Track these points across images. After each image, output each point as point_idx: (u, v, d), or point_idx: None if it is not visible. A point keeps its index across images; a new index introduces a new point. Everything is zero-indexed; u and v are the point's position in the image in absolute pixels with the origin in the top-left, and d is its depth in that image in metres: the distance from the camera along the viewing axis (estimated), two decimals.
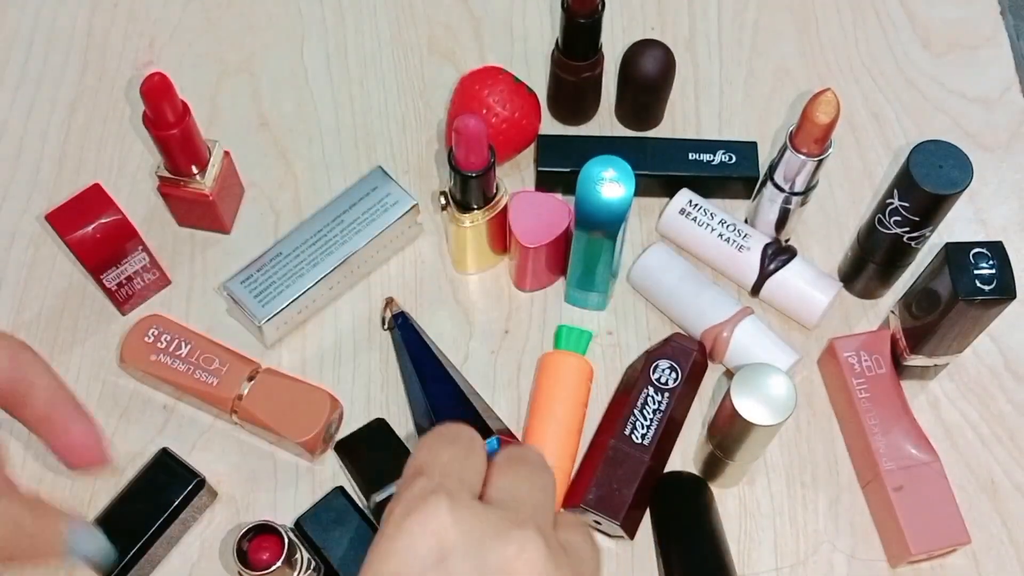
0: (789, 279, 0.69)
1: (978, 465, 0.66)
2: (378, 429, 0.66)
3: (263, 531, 0.58)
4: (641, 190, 0.65)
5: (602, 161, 0.61)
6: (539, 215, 0.68)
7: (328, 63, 0.81)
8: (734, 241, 0.70)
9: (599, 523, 0.62)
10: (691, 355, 0.65)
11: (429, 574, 0.35)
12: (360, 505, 0.63)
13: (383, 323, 0.70)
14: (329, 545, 0.61)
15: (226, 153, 0.71)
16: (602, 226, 0.62)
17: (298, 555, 0.58)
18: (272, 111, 0.79)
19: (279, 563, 0.56)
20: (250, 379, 0.65)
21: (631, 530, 0.62)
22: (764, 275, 0.69)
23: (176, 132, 0.65)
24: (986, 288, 0.57)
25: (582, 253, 0.65)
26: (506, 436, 0.63)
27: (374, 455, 0.64)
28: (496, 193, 0.67)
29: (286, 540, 0.57)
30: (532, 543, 0.36)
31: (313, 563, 0.60)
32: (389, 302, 0.70)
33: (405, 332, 0.68)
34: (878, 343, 0.66)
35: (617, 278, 0.70)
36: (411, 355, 0.67)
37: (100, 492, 0.65)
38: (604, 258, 0.65)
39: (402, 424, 0.67)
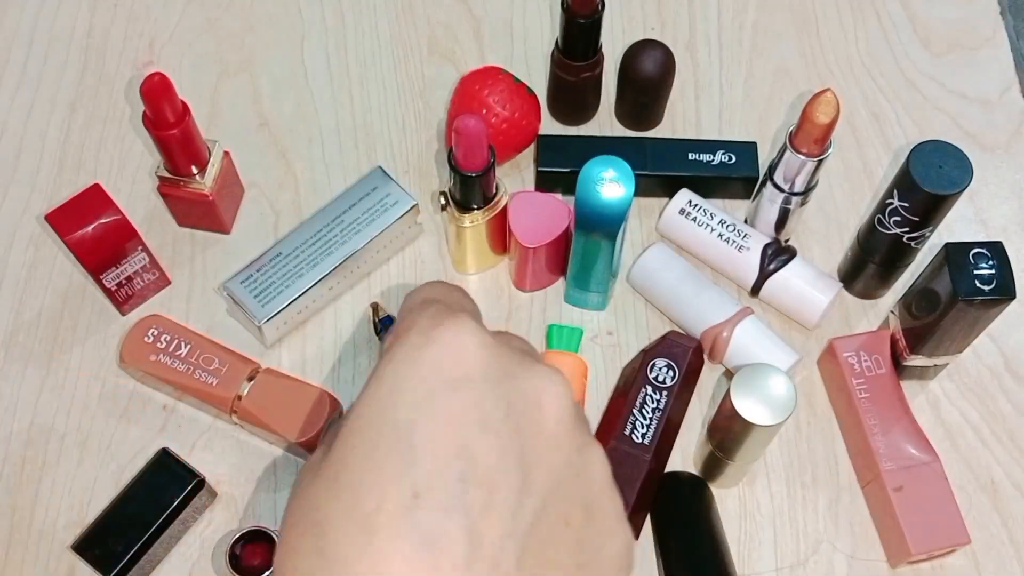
0: (789, 279, 0.69)
1: (978, 465, 0.66)
2: None
3: (256, 536, 0.58)
4: (641, 190, 0.65)
5: (602, 161, 0.61)
6: (539, 215, 0.68)
7: (328, 63, 0.81)
8: (734, 241, 0.70)
9: None
10: (687, 353, 0.65)
11: (453, 393, 0.30)
12: None
13: (375, 329, 0.69)
14: None
15: (226, 153, 0.71)
16: (602, 226, 0.62)
17: None
18: (272, 111, 0.79)
19: (271, 570, 0.56)
20: (250, 379, 0.65)
21: (635, 530, 0.62)
22: (764, 275, 0.69)
23: (176, 132, 0.65)
24: (986, 288, 0.57)
25: (582, 253, 0.65)
26: None
27: None
28: (496, 193, 0.67)
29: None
30: (559, 379, 0.32)
31: None
32: (375, 307, 0.69)
33: None
34: (878, 343, 0.66)
35: (617, 278, 0.70)
36: None
37: (100, 491, 0.65)
38: (604, 258, 0.65)
39: None
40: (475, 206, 0.66)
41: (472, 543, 0.28)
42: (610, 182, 0.60)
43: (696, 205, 0.71)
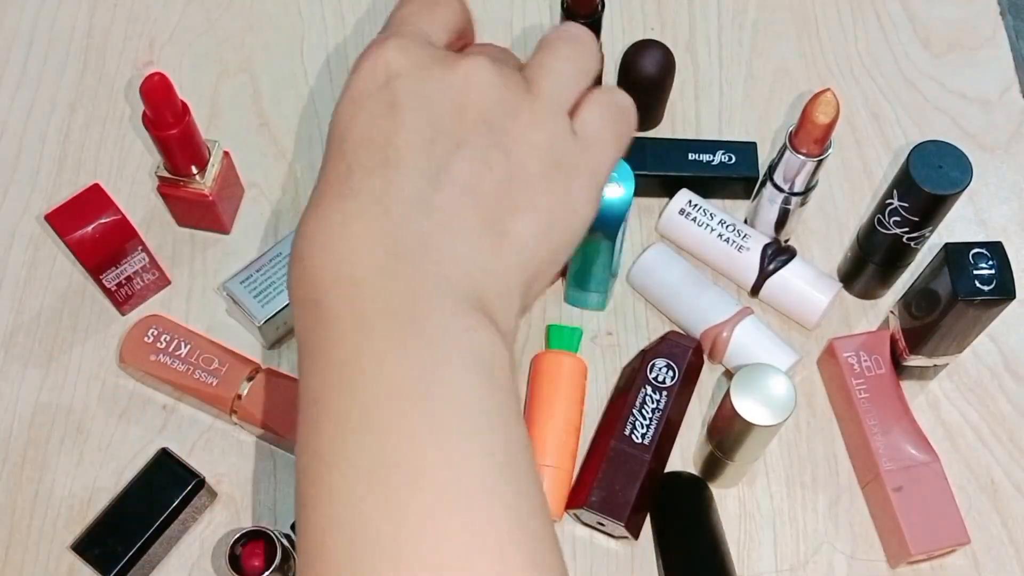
0: (789, 279, 0.69)
1: (978, 465, 0.66)
2: None
3: (256, 537, 0.58)
4: (641, 190, 0.65)
5: None
6: None
7: (328, 63, 0.81)
8: (734, 241, 0.70)
9: (603, 524, 0.62)
10: (687, 353, 0.65)
11: (374, 95, 0.35)
12: None
13: None
14: None
15: (226, 153, 0.71)
16: (601, 226, 0.62)
17: (291, 562, 0.58)
18: (272, 111, 0.79)
19: (271, 570, 0.56)
20: (250, 379, 0.65)
21: (635, 531, 0.62)
22: (764, 275, 0.69)
23: (176, 132, 0.65)
24: (986, 288, 0.57)
25: (582, 253, 0.65)
26: None
27: None
28: None
29: (279, 546, 0.57)
30: (481, 64, 0.36)
31: None
32: None
33: None
34: (878, 343, 0.66)
35: (617, 278, 0.70)
36: None
37: (100, 491, 0.65)
38: (603, 258, 0.65)
39: None
40: None
41: (387, 186, 0.34)
42: (610, 182, 0.60)
43: (696, 205, 0.71)
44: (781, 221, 0.70)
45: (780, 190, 0.67)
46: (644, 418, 0.63)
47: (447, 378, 0.32)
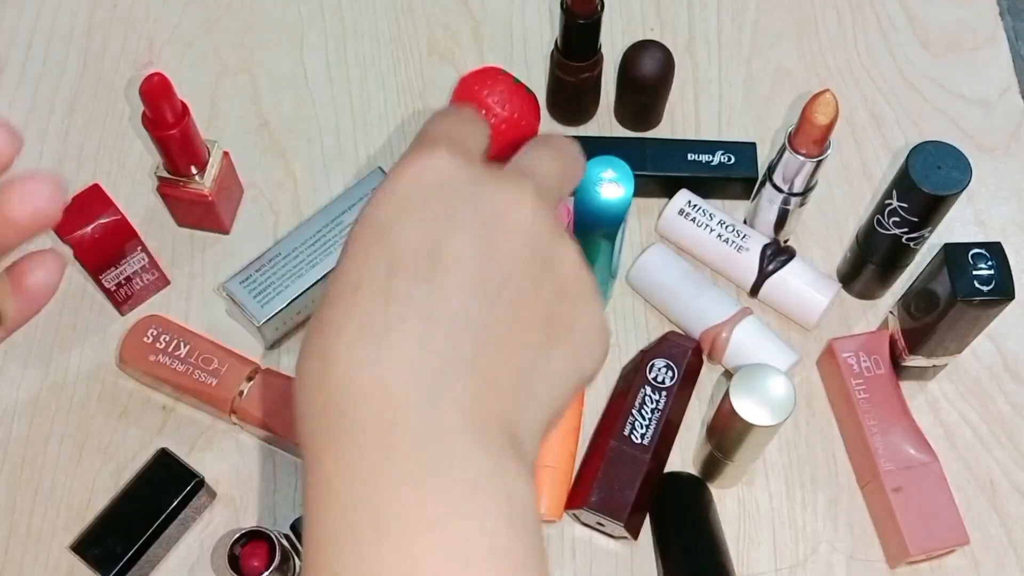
0: (788, 280, 0.69)
1: (977, 466, 0.66)
2: None
3: (255, 537, 0.58)
4: (640, 190, 0.65)
5: (601, 161, 0.61)
6: None
7: (327, 64, 0.81)
8: (733, 242, 0.70)
9: (602, 524, 0.62)
10: (687, 353, 0.65)
11: (425, 199, 0.33)
12: None
13: None
14: None
15: (225, 153, 0.71)
16: (601, 226, 0.62)
17: (290, 562, 0.58)
18: (271, 111, 0.79)
19: (270, 570, 0.56)
20: (249, 379, 0.65)
21: (635, 531, 0.62)
22: (763, 276, 0.69)
23: (175, 132, 0.65)
24: (985, 289, 0.57)
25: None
26: None
27: None
28: None
29: (278, 547, 0.57)
30: (530, 190, 0.35)
31: None
32: None
33: None
34: (877, 344, 0.66)
35: (616, 278, 0.70)
36: None
37: (100, 491, 0.65)
38: (603, 258, 0.65)
39: None
40: None
41: (436, 298, 0.32)
42: (609, 182, 0.60)
43: (695, 205, 0.71)
44: (780, 221, 0.70)
45: (779, 190, 0.67)
46: (644, 418, 0.63)
47: (475, 526, 0.30)
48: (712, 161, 0.73)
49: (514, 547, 0.31)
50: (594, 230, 0.62)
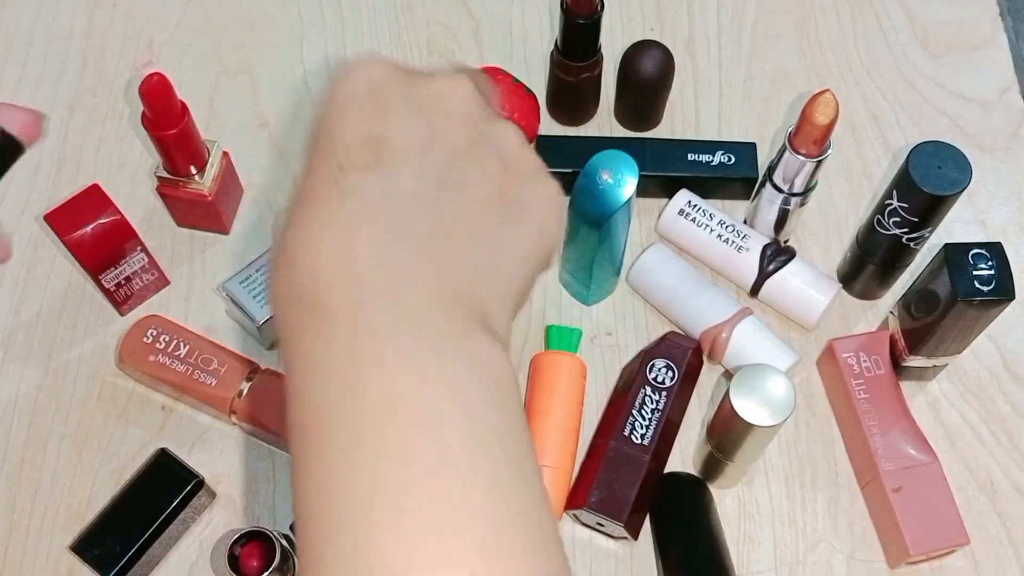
0: (788, 280, 0.69)
1: (977, 466, 0.66)
2: None
3: (255, 537, 0.57)
4: (640, 191, 0.65)
5: (609, 155, 0.61)
6: None
7: (327, 63, 0.81)
8: (733, 242, 0.70)
9: (602, 525, 0.62)
10: (687, 354, 0.65)
11: (361, 99, 0.35)
12: None
13: None
14: None
15: (225, 153, 0.71)
16: (606, 220, 0.61)
17: (290, 562, 0.58)
18: (271, 112, 0.79)
19: (270, 570, 0.56)
20: (249, 379, 0.65)
21: (635, 531, 0.62)
22: (763, 276, 0.69)
23: (175, 132, 0.65)
24: (985, 289, 0.57)
25: (569, 236, 0.65)
26: None
27: None
28: None
29: (278, 547, 0.57)
30: (463, 80, 0.36)
31: None
32: None
33: None
34: (877, 344, 0.66)
35: (618, 279, 0.70)
36: None
37: (99, 492, 0.65)
38: (607, 254, 0.65)
39: None
40: None
41: (388, 186, 0.33)
42: (616, 175, 0.61)
43: (695, 206, 0.71)
44: (780, 221, 0.70)
45: (779, 191, 0.67)
46: (643, 418, 0.63)
47: (452, 393, 0.31)
48: (712, 161, 0.73)
49: (490, 417, 0.31)
50: (599, 224, 0.62)
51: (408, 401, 0.31)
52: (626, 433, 0.63)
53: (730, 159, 0.73)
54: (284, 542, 0.59)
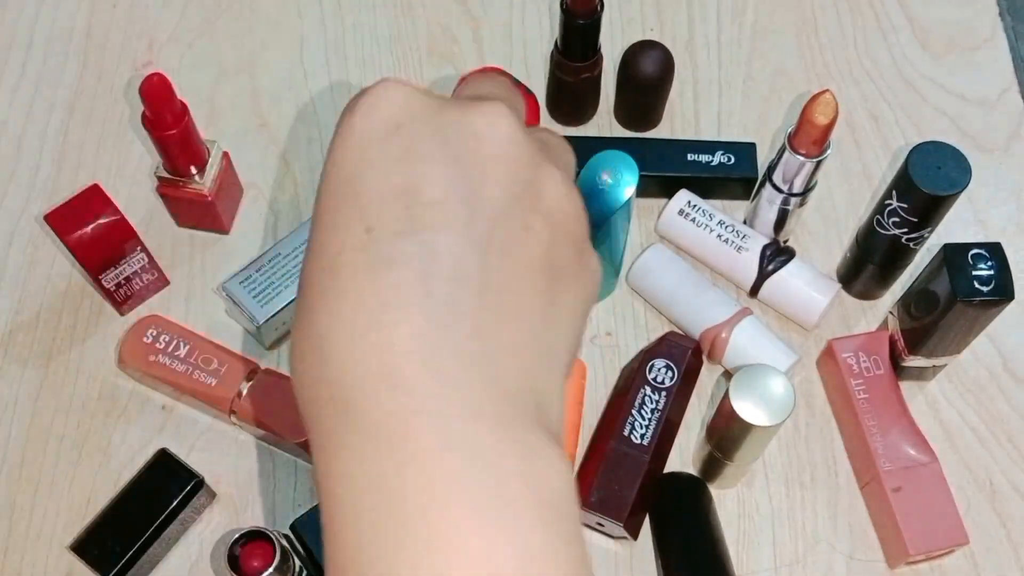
0: (788, 280, 0.69)
1: (976, 466, 0.66)
2: None
3: (255, 537, 0.57)
4: (640, 191, 0.65)
5: (609, 155, 0.61)
6: None
7: (327, 64, 0.81)
8: (733, 242, 0.70)
9: (602, 525, 0.62)
10: (686, 354, 0.65)
11: (383, 140, 0.30)
12: None
13: None
14: (323, 551, 0.61)
15: (225, 154, 0.71)
16: (606, 219, 0.62)
17: (290, 563, 0.58)
18: (271, 112, 0.79)
19: (270, 570, 0.56)
20: (249, 379, 0.65)
21: (634, 531, 0.62)
22: (763, 276, 0.69)
23: (175, 132, 0.65)
24: (984, 289, 0.57)
25: None
26: None
27: None
28: None
29: (278, 547, 0.57)
30: (502, 113, 0.31)
31: (305, 571, 0.60)
32: None
33: None
34: (877, 344, 0.66)
35: (619, 278, 0.70)
36: None
37: (99, 492, 0.65)
38: (606, 253, 0.65)
39: None
40: None
41: (427, 255, 0.28)
42: (615, 174, 0.61)
43: (695, 206, 0.71)
44: (780, 222, 0.70)
45: (779, 191, 0.67)
46: (643, 419, 0.63)
47: (510, 533, 0.27)
48: (712, 161, 0.73)
49: (548, 545, 0.28)
50: (599, 223, 0.62)
51: (457, 533, 0.27)
52: (626, 433, 0.63)
53: (730, 159, 0.73)
54: (284, 542, 0.59)
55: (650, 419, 0.63)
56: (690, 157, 0.73)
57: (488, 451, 0.27)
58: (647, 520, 0.64)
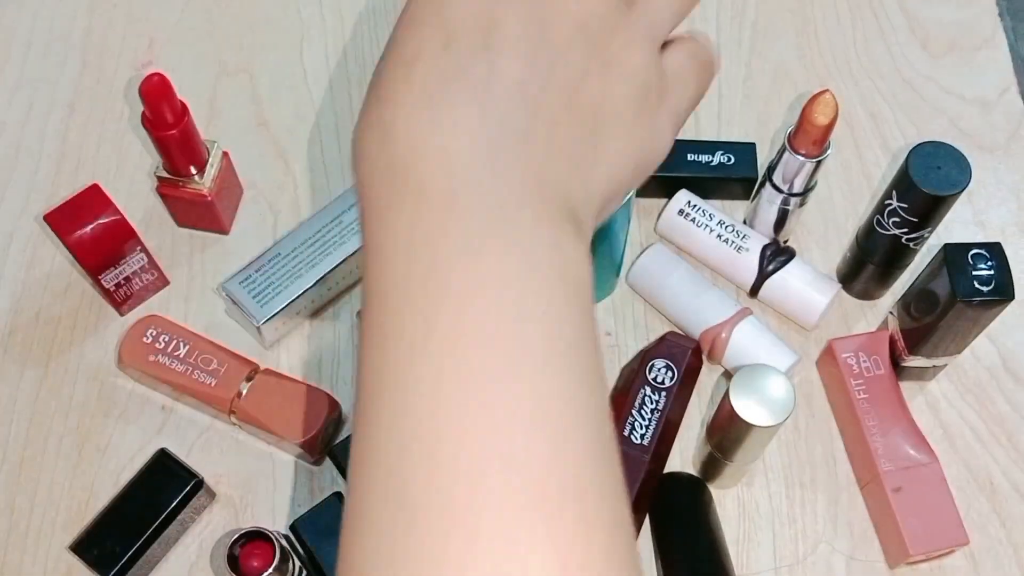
0: (788, 280, 0.69)
1: (976, 466, 0.66)
2: None
3: (255, 537, 0.57)
4: (640, 191, 0.65)
5: None
6: None
7: (327, 63, 0.81)
8: (733, 242, 0.70)
9: None
10: (686, 353, 0.65)
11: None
12: None
13: None
14: (323, 551, 0.61)
15: (225, 153, 0.71)
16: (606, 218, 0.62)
17: (290, 563, 0.58)
18: (271, 111, 0.79)
19: (270, 570, 0.56)
20: (248, 379, 0.65)
21: (634, 531, 0.62)
22: (763, 276, 0.69)
23: (175, 132, 0.65)
24: (984, 289, 0.57)
25: None
26: None
27: None
28: None
29: (277, 547, 0.57)
30: None
31: (305, 571, 0.60)
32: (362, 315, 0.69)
33: None
34: (877, 344, 0.66)
35: (619, 278, 0.70)
36: None
37: (99, 492, 0.65)
38: (607, 252, 0.65)
39: None
40: None
41: (493, 76, 0.32)
42: None
43: (695, 206, 0.71)
44: (780, 222, 0.70)
45: (779, 191, 0.67)
46: (643, 418, 0.63)
47: (532, 290, 0.31)
48: (712, 161, 0.73)
49: (571, 316, 0.31)
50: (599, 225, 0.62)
51: (490, 287, 0.30)
52: (626, 433, 0.63)
53: (730, 159, 0.73)
54: (284, 542, 0.59)
55: (650, 419, 0.63)
56: (690, 157, 0.73)
57: (522, 227, 0.31)
58: (647, 520, 0.64)
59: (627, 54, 0.35)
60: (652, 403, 0.63)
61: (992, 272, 0.57)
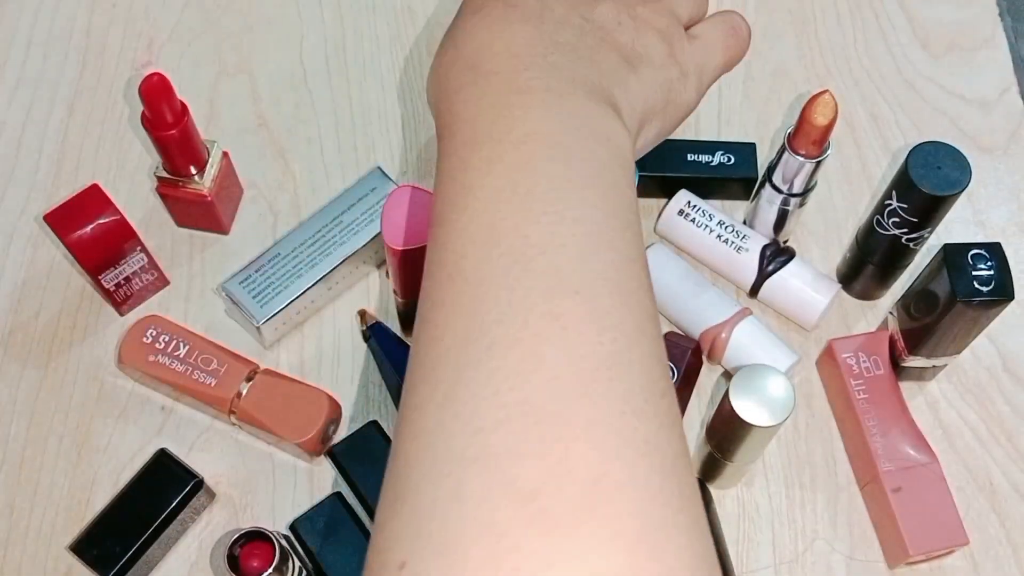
0: (788, 280, 0.69)
1: (976, 466, 0.66)
2: (369, 434, 0.65)
3: (255, 537, 0.58)
4: (640, 191, 0.65)
5: None
6: (419, 214, 0.59)
7: (327, 63, 0.81)
8: (732, 242, 0.70)
9: None
10: (686, 353, 0.65)
11: None
12: (357, 512, 0.63)
13: (363, 337, 0.69)
14: (323, 551, 0.61)
15: (225, 153, 0.71)
16: None
17: (290, 563, 0.58)
18: (271, 112, 0.79)
19: (269, 570, 0.56)
20: (248, 379, 0.65)
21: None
22: (763, 276, 0.69)
23: (175, 132, 0.65)
24: (984, 289, 0.57)
25: None
26: None
27: (365, 460, 0.64)
28: None
29: (277, 547, 0.57)
30: None
31: (305, 572, 0.60)
32: (363, 315, 0.69)
33: (382, 342, 0.67)
34: (877, 344, 0.66)
35: None
36: (392, 363, 0.66)
37: (98, 492, 0.65)
38: None
39: None
40: None
41: (544, 6, 0.41)
42: None
43: (695, 206, 0.71)
44: (780, 222, 0.70)
45: (779, 191, 0.67)
46: None
47: (583, 144, 0.37)
48: (711, 162, 0.73)
49: (615, 174, 0.37)
50: None
51: (543, 135, 0.36)
52: None
53: (729, 159, 0.73)
54: (283, 542, 0.59)
55: None
56: (690, 157, 0.73)
57: (575, 99, 0.38)
58: None
59: (652, 17, 0.43)
60: None
61: (992, 272, 0.57)
